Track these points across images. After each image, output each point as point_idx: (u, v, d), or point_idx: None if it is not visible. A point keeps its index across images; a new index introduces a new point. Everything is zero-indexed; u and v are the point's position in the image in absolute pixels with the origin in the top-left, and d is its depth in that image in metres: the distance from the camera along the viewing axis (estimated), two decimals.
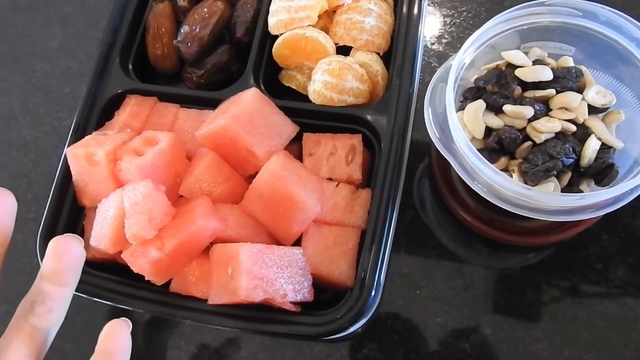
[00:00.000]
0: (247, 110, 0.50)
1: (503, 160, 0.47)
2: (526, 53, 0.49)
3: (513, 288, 0.53)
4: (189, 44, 0.58)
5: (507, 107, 0.46)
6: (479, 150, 0.47)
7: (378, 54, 0.56)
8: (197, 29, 0.58)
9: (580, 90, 0.47)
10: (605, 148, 0.46)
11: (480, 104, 0.47)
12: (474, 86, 0.48)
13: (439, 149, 0.45)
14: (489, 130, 0.47)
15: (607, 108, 0.47)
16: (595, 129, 0.46)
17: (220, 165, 0.51)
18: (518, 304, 0.52)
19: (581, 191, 0.46)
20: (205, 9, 0.59)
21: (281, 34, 0.56)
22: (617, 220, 0.54)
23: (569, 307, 0.52)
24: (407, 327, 0.53)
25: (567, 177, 0.46)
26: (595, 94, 0.47)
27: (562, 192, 0.45)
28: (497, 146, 0.46)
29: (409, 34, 0.55)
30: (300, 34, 0.55)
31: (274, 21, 0.56)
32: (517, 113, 0.45)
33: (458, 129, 0.43)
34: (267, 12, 0.58)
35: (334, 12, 0.58)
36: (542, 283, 0.53)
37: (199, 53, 0.58)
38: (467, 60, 0.47)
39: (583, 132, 0.46)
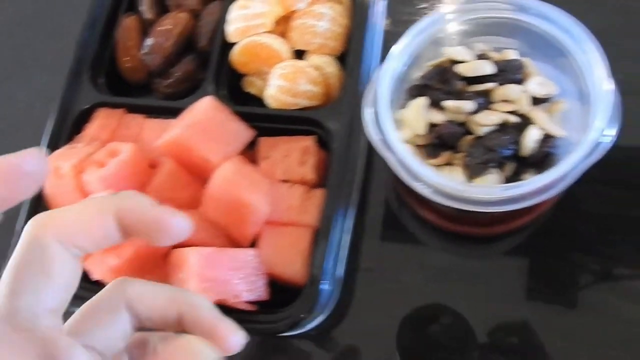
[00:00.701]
0: (200, 118, 0.52)
1: (446, 154, 0.47)
2: (470, 48, 0.50)
3: (480, 278, 0.54)
4: (153, 56, 0.60)
5: (447, 103, 0.46)
6: (422, 146, 0.49)
7: (339, 56, 0.58)
8: (161, 41, 0.60)
9: (521, 82, 0.48)
10: (547, 137, 0.47)
11: (422, 100, 0.48)
12: (418, 84, 0.49)
13: (378, 150, 0.46)
14: (433, 126, 0.48)
15: (550, 98, 0.48)
16: (537, 119, 0.47)
17: (179, 172, 0.53)
18: (485, 294, 0.53)
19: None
20: (169, 21, 0.61)
21: (239, 42, 0.58)
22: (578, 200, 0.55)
23: (536, 293, 0.53)
24: (373, 321, 0.55)
25: (512, 167, 0.46)
26: (537, 84, 0.48)
27: (507, 182, 0.46)
28: (438, 141, 0.47)
29: (361, 35, 0.56)
30: (256, 41, 0.56)
31: (232, 29, 0.58)
32: (457, 108, 0.46)
33: (390, 128, 0.45)
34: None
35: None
36: (507, 270, 0.54)
37: (164, 64, 0.61)
38: (403, 58, 0.48)
39: (526, 123, 0.47)
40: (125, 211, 0.26)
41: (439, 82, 0.48)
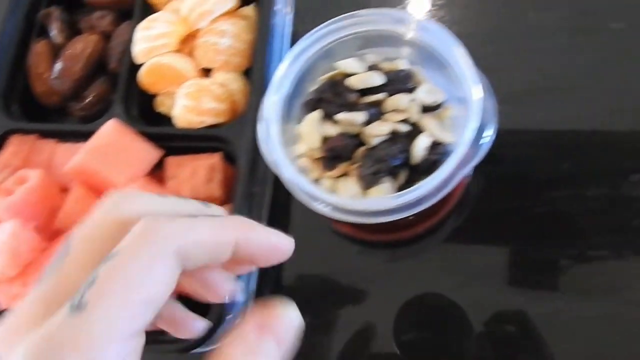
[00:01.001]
0: (103, 142, 0.53)
1: (342, 166, 0.48)
2: (362, 59, 0.50)
3: (392, 279, 0.55)
4: (62, 80, 0.61)
5: (339, 116, 0.47)
6: (319, 159, 0.50)
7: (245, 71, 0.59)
8: (70, 65, 0.61)
9: (412, 91, 0.49)
10: (437, 144, 0.48)
11: (316, 114, 0.48)
12: (312, 98, 0.50)
13: (271, 167, 0.47)
14: (327, 139, 0.49)
15: (439, 105, 0.49)
16: (426, 127, 0.48)
17: (88, 197, 0.53)
18: (393, 294, 0.55)
19: None
20: (79, 45, 0.62)
21: (145, 63, 0.59)
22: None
23: (438, 297, 0.54)
24: None
25: (404, 175, 0.47)
26: (425, 93, 0.49)
27: (400, 188, 0.47)
28: (331, 154, 0.48)
29: (264, 50, 0.57)
30: (160, 62, 0.57)
31: (137, 50, 0.58)
32: (350, 120, 0.47)
33: (276, 146, 0.46)
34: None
35: None
36: (411, 272, 0.55)
37: (75, 88, 0.61)
38: (291, 74, 0.49)
39: (416, 131, 0.48)
40: (246, 239, 0.24)
41: (333, 95, 0.49)
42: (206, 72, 0.59)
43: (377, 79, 0.48)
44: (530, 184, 0.55)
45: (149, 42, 0.57)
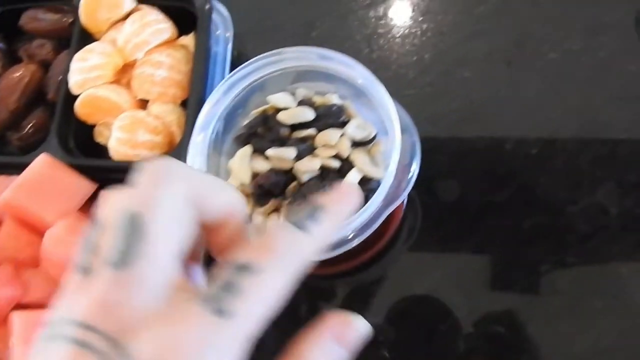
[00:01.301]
0: (32, 178, 0.52)
1: (273, 202, 0.47)
2: (293, 94, 0.50)
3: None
4: None
5: (269, 152, 0.46)
6: (250, 194, 0.49)
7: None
8: (5, 95, 0.60)
9: (344, 125, 0.49)
10: (366, 180, 0.48)
11: (246, 150, 0.48)
12: (243, 132, 0.49)
13: None
14: (257, 175, 0.48)
15: (370, 140, 0.49)
16: (357, 162, 0.48)
17: (20, 231, 0.52)
18: None
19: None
20: (16, 75, 0.61)
21: (80, 94, 0.58)
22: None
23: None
24: None
25: None
26: (355, 128, 0.48)
27: None
28: (261, 191, 0.47)
29: (200, 80, 0.57)
30: (94, 94, 0.56)
31: (72, 82, 0.57)
32: (280, 156, 0.46)
33: None
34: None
35: None
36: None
37: (12, 118, 0.60)
38: (219, 110, 0.49)
39: (348, 167, 0.48)
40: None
41: (264, 130, 0.49)
42: (144, 102, 0.59)
43: (308, 114, 0.48)
44: (465, 214, 0.55)
45: (84, 73, 0.57)
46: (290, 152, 0.47)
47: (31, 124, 0.61)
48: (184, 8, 0.62)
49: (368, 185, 0.47)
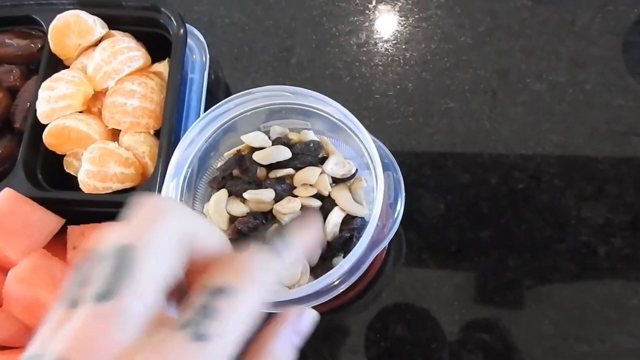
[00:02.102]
0: None
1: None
2: (268, 132, 0.48)
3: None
4: None
5: (246, 194, 0.44)
6: (231, 239, 0.47)
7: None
8: None
9: (324, 161, 0.47)
10: (349, 218, 0.46)
11: (221, 194, 0.46)
12: (217, 175, 0.47)
13: None
14: (236, 219, 0.45)
15: (351, 177, 0.47)
16: (339, 201, 0.45)
17: None
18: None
19: (332, 267, 0.46)
20: None
21: (48, 123, 0.56)
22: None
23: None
24: None
25: (317, 254, 0.44)
26: (334, 165, 0.46)
27: (315, 268, 0.45)
28: (238, 237, 0.44)
29: (173, 110, 0.55)
30: (62, 124, 0.54)
31: (39, 111, 0.55)
32: (257, 199, 0.44)
33: None
34: None
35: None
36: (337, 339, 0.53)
37: None
38: (191, 154, 0.46)
39: (330, 205, 0.45)
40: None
41: (239, 171, 0.47)
42: (116, 132, 0.57)
43: (284, 153, 0.46)
44: (446, 253, 0.53)
45: (52, 103, 0.54)
46: (268, 193, 0.45)
47: None
48: (158, 33, 0.60)
49: (352, 224, 0.45)
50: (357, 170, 0.47)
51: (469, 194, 0.55)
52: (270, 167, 0.46)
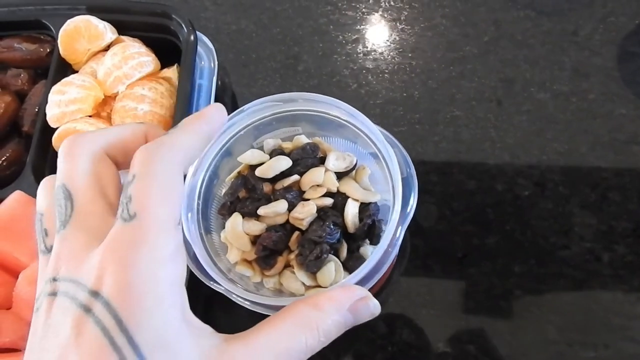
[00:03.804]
0: (5, 217, 0.50)
1: (281, 259, 0.45)
2: (261, 147, 0.48)
3: None
4: None
5: (261, 211, 0.44)
6: (253, 260, 0.47)
7: None
8: None
9: (324, 161, 0.47)
10: (365, 206, 0.46)
11: (235, 218, 0.45)
12: (225, 201, 0.47)
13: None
14: (257, 237, 0.45)
15: (353, 168, 0.48)
16: (349, 192, 0.45)
17: None
18: None
19: (362, 257, 0.46)
20: None
21: (58, 127, 0.57)
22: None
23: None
24: None
25: (344, 248, 0.45)
26: (335, 160, 0.46)
27: (345, 262, 0.46)
28: (266, 252, 0.45)
29: (183, 115, 0.56)
30: (71, 128, 0.55)
31: (49, 115, 0.56)
32: (272, 212, 0.44)
33: (206, 264, 0.43)
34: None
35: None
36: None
37: None
38: (196, 184, 0.46)
39: (342, 199, 0.45)
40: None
41: (246, 192, 0.46)
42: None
43: (285, 162, 0.46)
44: (452, 259, 0.54)
45: (62, 107, 0.55)
46: (282, 204, 0.45)
47: (4, 157, 0.59)
48: (166, 39, 0.61)
49: (368, 210, 0.45)
50: (357, 161, 0.47)
51: (474, 200, 0.56)
52: (274, 180, 0.46)
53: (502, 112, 0.59)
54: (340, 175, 0.47)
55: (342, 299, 0.31)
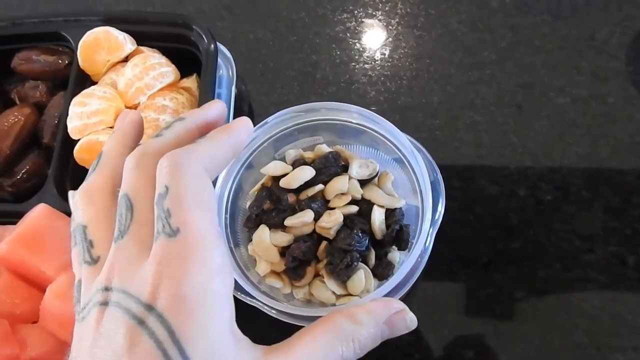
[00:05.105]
0: (31, 229, 0.50)
1: (310, 269, 0.45)
2: (283, 159, 0.48)
3: None
4: None
5: (287, 222, 0.44)
6: (282, 272, 0.47)
7: None
8: None
9: (347, 169, 0.47)
10: (391, 212, 0.45)
11: (262, 230, 0.45)
12: (250, 214, 0.47)
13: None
14: (285, 248, 0.45)
15: (376, 175, 0.47)
16: (374, 199, 0.45)
17: (17, 284, 0.50)
18: None
19: (391, 263, 0.46)
20: (9, 118, 0.59)
21: (80, 139, 0.57)
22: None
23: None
24: None
25: (373, 255, 0.45)
26: (359, 168, 0.46)
27: (374, 269, 0.45)
28: (295, 263, 0.45)
29: None
30: (93, 139, 0.55)
31: (71, 127, 0.56)
32: (299, 223, 0.44)
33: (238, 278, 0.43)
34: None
35: None
36: None
37: (4, 165, 0.57)
38: (223, 198, 0.46)
39: (367, 206, 0.45)
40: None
41: (271, 203, 0.46)
42: None
43: (309, 172, 0.46)
44: (477, 264, 0.54)
45: (84, 119, 0.55)
46: (309, 214, 0.45)
47: (25, 170, 0.59)
48: (184, 49, 0.61)
49: (395, 216, 0.45)
50: (379, 166, 0.48)
51: (497, 205, 0.56)
52: (298, 190, 0.46)
53: (522, 116, 0.59)
54: (363, 183, 0.47)
55: (379, 312, 0.32)
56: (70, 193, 0.33)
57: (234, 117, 0.58)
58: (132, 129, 0.34)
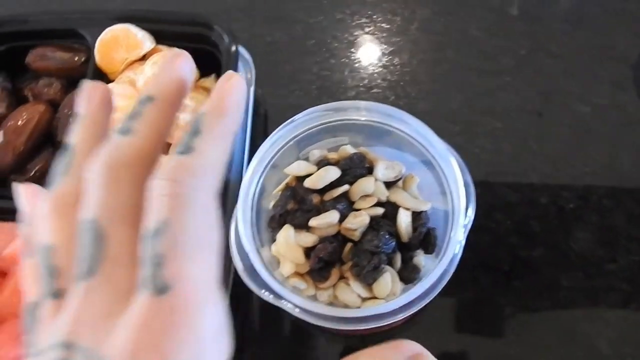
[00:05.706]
0: None
1: (335, 271, 0.44)
2: (307, 159, 0.47)
3: None
4: (4, 154, 0.57)
5: (312, 222, 0.43)
6: (306, 273, 0.46)
7: None
8: (12, 138, 0.57)
9: (372, 171, 0.46)
10: (417, 215, 0.45)
11: (287, 230, 0.44)
12: (275, 214, 0.46)
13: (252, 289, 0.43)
14: (309, 250, 0.44)
15: (401, 177, 0.47)
16: (400, 202, 0.45)
17: None
18: None
19: (417, 266, 0.45)
20: (23, 115, 0.58)
21: None
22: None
23: None
24: None
25: (399, 257, 0.44)
26: (384, 169, 0.46)
27: (400, 272, 0.44)
28: (321, 264, 0.44)
29: None
30: None
31: None
32: (324, 223, 0.43)
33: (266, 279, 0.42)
34: None
35: None
36: None
37: (17, 162, 0.56)
38: (248, 197, 0.46)
39: (393, 209, 0.45)
40: None
41: (295, 203, 0.45)
42: (167, 145, 0.57)
43: (334, 173, 0.45)
44: (499, 271, 0.54)
45: None
46: (334, 215, 0.44)
47: (37, 168, 0.58)
48: (203, 49, 0.60)
49: (422, 219, 0.45)
50: (405, 169, 0.47)
51: (518, 213, 0.55)
52: (322, 191, 0.45)
53: (543, 124, 0.59)
54: (388, 185, 0.46)
55: None
56: (17, 186, 0.27)
57: (252, 122, 0.57)
58: (103, 113, 0.27)
